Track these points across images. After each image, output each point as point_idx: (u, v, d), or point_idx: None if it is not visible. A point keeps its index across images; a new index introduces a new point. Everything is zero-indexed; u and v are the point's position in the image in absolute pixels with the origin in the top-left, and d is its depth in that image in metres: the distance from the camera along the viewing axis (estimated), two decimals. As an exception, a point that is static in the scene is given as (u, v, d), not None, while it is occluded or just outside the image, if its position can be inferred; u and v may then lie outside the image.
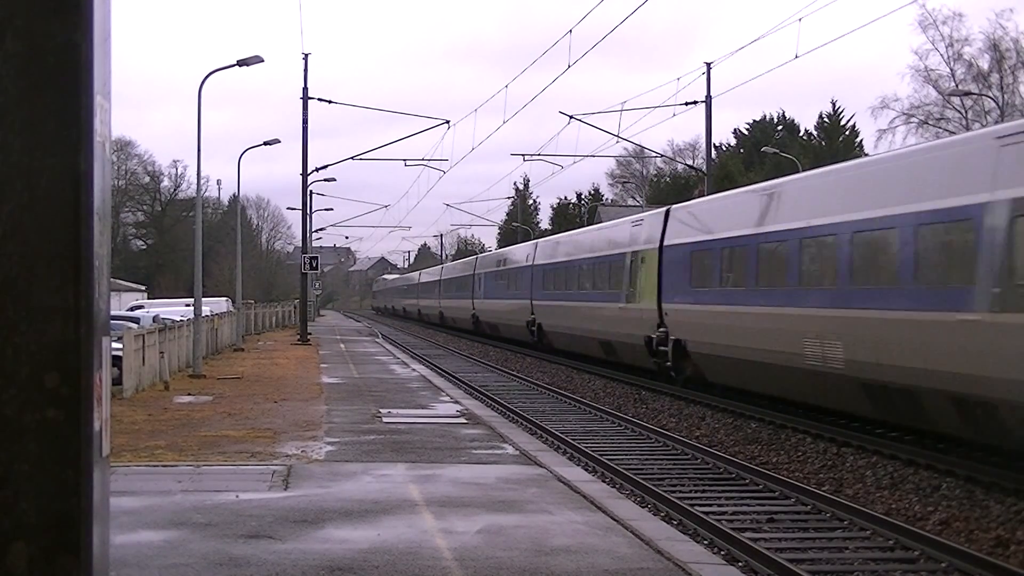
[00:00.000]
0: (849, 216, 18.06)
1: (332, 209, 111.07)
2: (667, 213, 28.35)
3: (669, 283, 27.12)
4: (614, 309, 31.52)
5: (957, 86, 59.73)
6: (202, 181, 32.07)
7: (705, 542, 11.14)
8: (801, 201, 20.55)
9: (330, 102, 46.03)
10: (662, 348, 26.97)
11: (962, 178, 14.99)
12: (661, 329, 27.17)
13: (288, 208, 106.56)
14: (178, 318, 34.39)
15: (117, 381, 21.52)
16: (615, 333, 31.51)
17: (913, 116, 63.33)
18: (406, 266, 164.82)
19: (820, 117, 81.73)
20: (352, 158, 51.06)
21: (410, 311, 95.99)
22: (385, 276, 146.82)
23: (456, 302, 64.28)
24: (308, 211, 53.39)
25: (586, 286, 36.14)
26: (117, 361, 21.53)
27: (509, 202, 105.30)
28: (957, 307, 14.60)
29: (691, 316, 25.49)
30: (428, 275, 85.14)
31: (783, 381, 20.65)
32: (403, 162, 50.91)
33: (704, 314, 24.63)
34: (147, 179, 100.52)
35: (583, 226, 58.05)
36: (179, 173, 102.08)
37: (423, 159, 50.50)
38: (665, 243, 27.57)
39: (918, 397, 15.76)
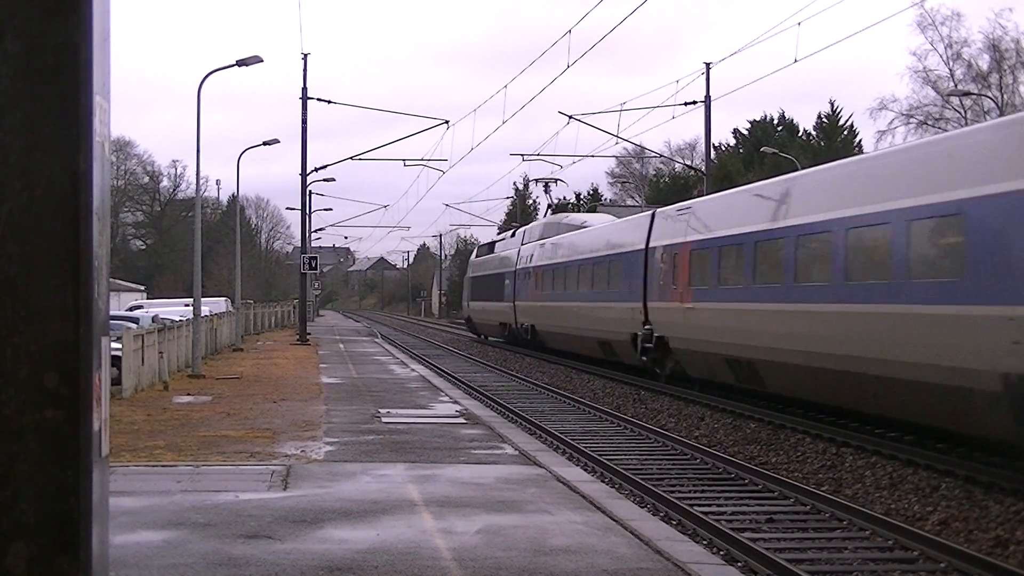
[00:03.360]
0: None
1: (331, 209, 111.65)
2: None
3: None
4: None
5: (956, 86, 59.74)
6: (201, 181, 32.14)
7: (704, 542, 11.14)
8: None
9: (329, 102, 46.05)
10: None
11: None
12: None
13: (287, 208, 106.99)
14: (177, 318, 34.39)
15: (116, 381, 21.51)
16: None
17: (912, 117, 63.39)
18: (405, 266, 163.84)
19: (819, 117, 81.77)
20: (351, 158, 51.08)
21: (602, 340, 33.85)
22: (531, 226, 51.15)
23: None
24: (307, 211, 53.40)
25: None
26: (116, 361, 21.52)
27: (508, 202, 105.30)
28: None
29: None
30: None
31: None
32: (402, 162, 50.90)
33: None
34: (146, 179, 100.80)
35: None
36: (178, 173, 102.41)
37: (422, 159, 50.46)
38: None
39: None
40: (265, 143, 42.77)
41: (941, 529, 12.18)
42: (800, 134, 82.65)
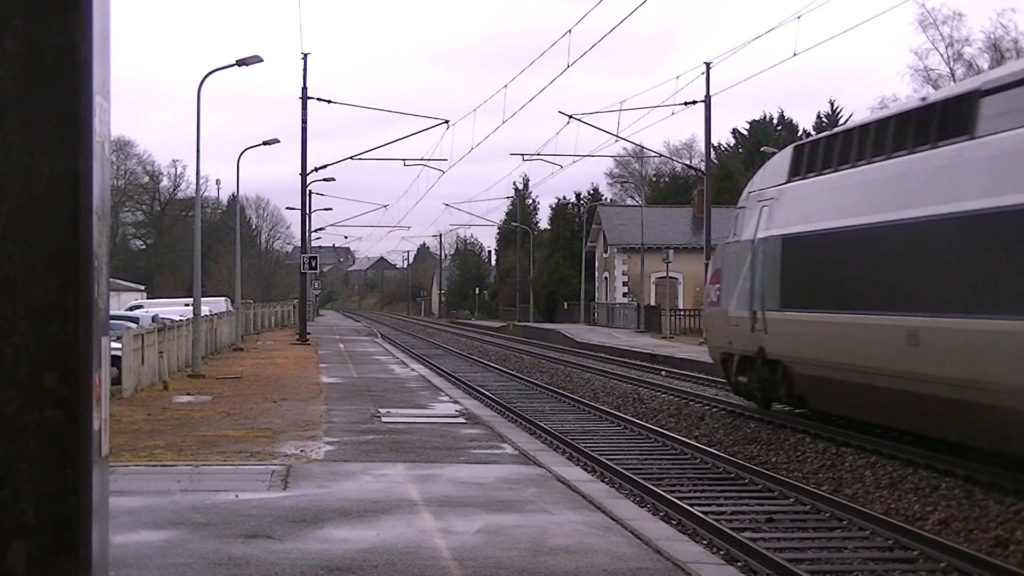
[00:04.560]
0: None
1: (331, 209, 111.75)
2: None
3: None
4: None
5: (956, 86, 59.74)
6: (201, 181, 32.13)
7: (704, 542, 11.13)
8: None
9: (329, 102, 46.05)
10: None
11: None
12: None
13: (287, 208, 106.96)
14: (177, 318, 34.36)
15: (116, 381, 21.50)
16: None
17: (912, 116, 63.34)
18: (405, 266, 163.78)
19: (818, 117, 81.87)
20: (351, 158, 51.13)
21: None
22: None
23: None
24: (307, 211, 53.39)
25: None
26: (116, 361, 21.51)
27: (508, 202, 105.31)
28: None
29: None
30: None
31: None
32: (402, 162, 50.89)
33: None
34: (146, 179, 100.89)
35: (584, 228, 55.02)
36: (178, 173, 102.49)
37: (422, 159, 50.45)
38: None
39: None
40: (265, 143, 42.77)
41: (941, 529, 12.17)
42: (800, 134, 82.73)
